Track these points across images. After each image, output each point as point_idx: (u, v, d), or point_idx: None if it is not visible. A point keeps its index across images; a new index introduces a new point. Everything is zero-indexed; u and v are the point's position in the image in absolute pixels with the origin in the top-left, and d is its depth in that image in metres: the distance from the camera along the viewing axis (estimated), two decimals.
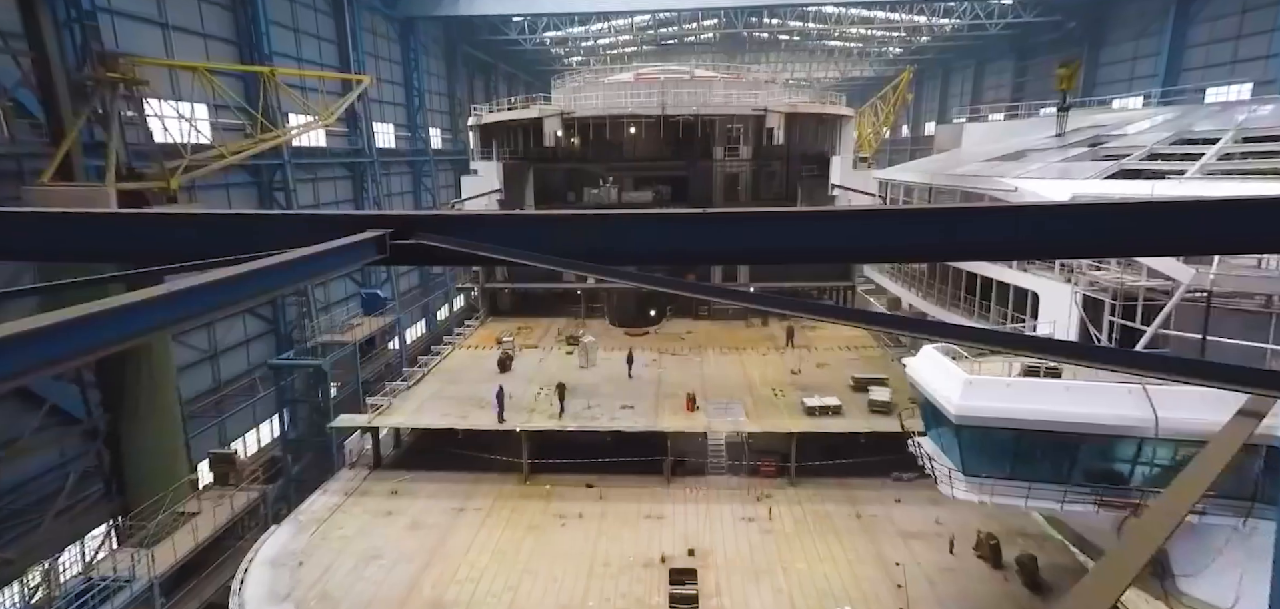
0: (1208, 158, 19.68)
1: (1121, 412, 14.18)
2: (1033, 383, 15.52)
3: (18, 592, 19.17)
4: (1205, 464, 1.94)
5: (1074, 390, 14.90)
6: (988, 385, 15.59)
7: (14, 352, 1.06)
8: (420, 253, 1.87)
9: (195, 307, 1.35)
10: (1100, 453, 14.76)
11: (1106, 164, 20.64)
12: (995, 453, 15.54)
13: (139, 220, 2.06)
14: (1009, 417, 15.02)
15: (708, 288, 2.23)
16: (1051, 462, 15.23)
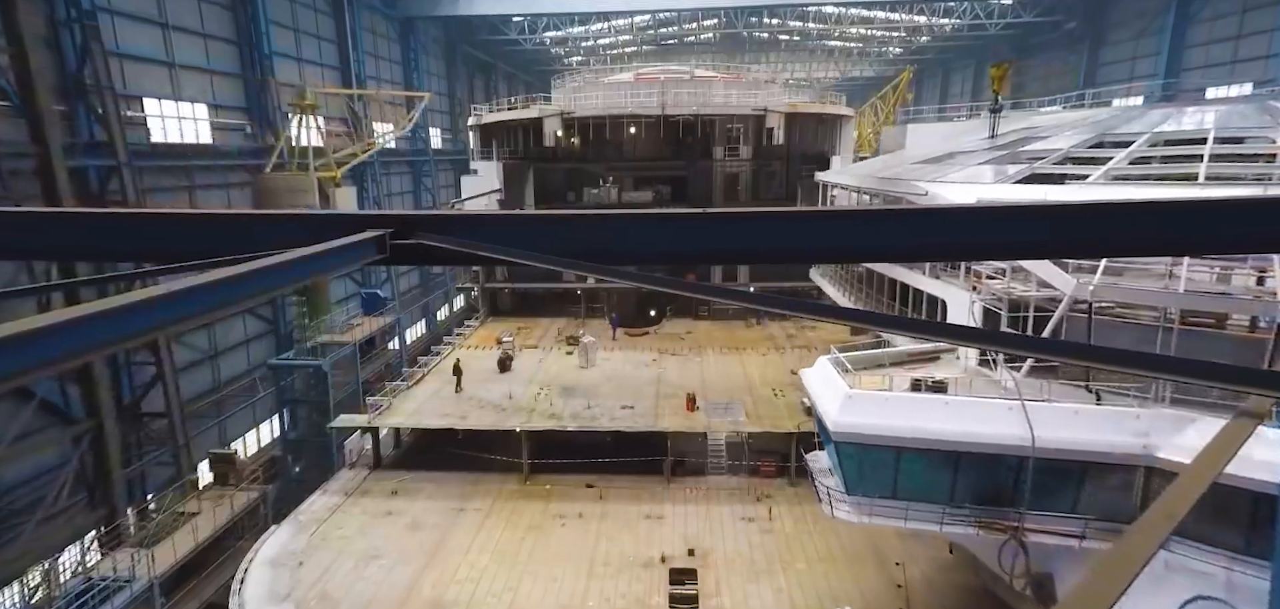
0: (1116, 161, 19.10)
1: (1000, 430, 13.54)
2: (913, 398, 14.90)
3: (18, 592, 19.17)
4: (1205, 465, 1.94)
5: (954, 406, 14.30)
6: (867, 400, 14.93)
7: (14, 352, 1.06)
8: (420, 253, 1.87)
9: (195, 307, 1.35)
10: (981, 472, 14.09)
11: (1020, 168, 20.05)
12: (877, 471, 14.81)
13: (139, 220, 2.06)
14: (888, 433, 14.36)
15: (708, 288, 2.23)
16: (933, 481, 14.52)
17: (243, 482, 24.52)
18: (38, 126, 20.47)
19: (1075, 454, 13.29)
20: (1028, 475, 13.70)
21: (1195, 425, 12.52)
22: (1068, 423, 13.42)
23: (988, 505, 14.18)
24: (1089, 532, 13.55)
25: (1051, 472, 13.66)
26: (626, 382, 25.78)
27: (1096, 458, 13.16)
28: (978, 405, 14.21)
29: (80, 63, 22.99)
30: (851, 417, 14.67)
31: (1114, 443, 12.99)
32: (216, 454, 26.08)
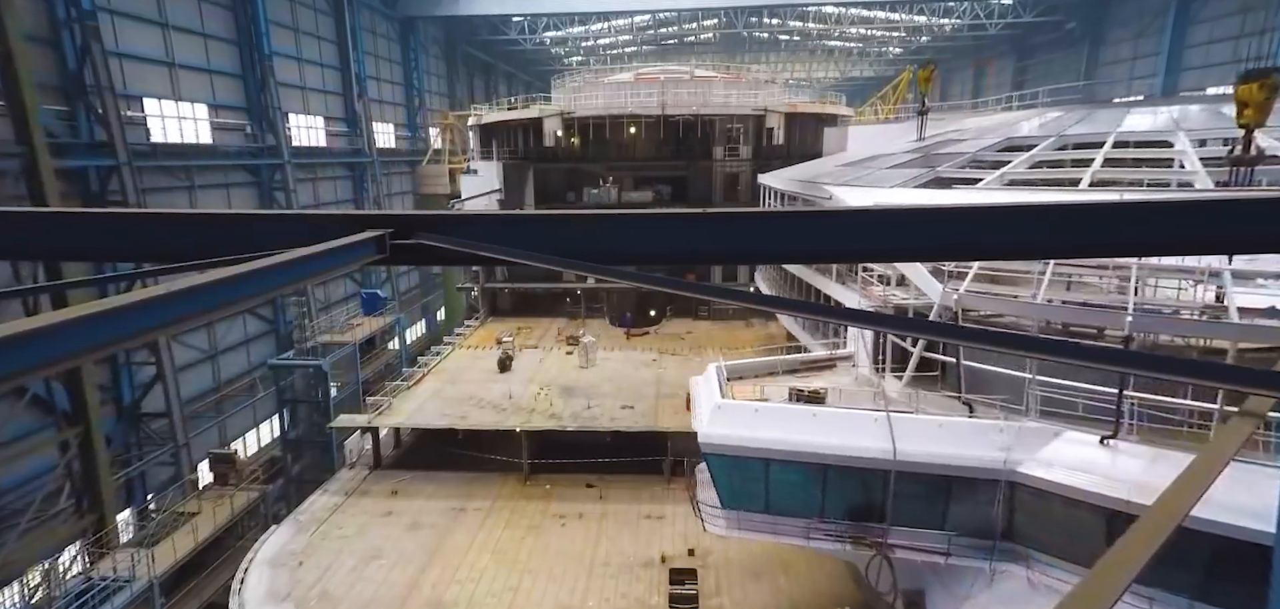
0: (1014, 165, 18.79)
1: (864, 442, 13.27)
2: (781, 409, 14.62)
3: (18, 591, 19.17)
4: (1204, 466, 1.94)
5: (822, 418, 14.02)
6: (736, 411, 14.66)
7: (14, 352, 1.06)
8: (420, 253, 1.87)
9: (195, 307, 1.35)
10: (849, 485, 13.84)
11: (922, 172, 19.74)
12: (748, 483, 14.53)
13: (139, 220, 2.06)
14: (756, 444, 14.07)
15: (708, 288, 2.23)
16: (803, 494, 14.27)
17: (243, 482, 24.51)
18: (23, 126, 20.35)
19: (937, 468, 12.99)
20: (890, 489, 13.41)
21: (1058, 439, 12.31)
22: (931, 436, 13.09)
23: (859, 520, 13.89)
24: (954, 549, 13.27)
25: (919, 486, 13.35)
26: (626, 382, 25.77)
27: (959, 472, 12.88)
28: (844, 417, 13.95)
29: (80, 63, 22.98)
30: (720, 428, 14.43)
31: (976, 457, 12.66)
32: (216, 454, 26.07)
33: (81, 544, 21.53)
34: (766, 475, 14.23)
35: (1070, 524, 12.07)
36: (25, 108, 20.30)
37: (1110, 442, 11.63)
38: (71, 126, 23.09)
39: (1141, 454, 11.30)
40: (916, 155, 23.31)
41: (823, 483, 13.95)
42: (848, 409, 14.30)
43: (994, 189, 16.85)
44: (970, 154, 21.12)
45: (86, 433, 22.03)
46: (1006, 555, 12.98)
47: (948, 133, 27.35)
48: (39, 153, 20.63)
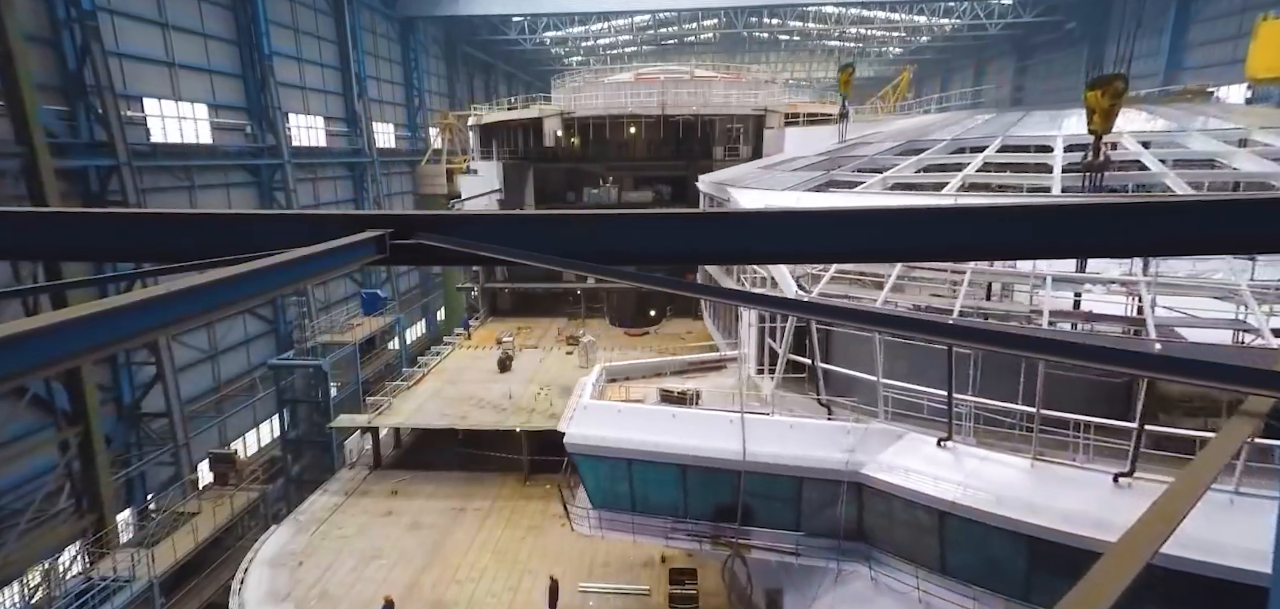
0: (900, 168, 18.64)
1: (718, 444, 13.42)
2: (643, 410, 14.82)
3: (18, 591, 19.17)
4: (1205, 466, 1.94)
5: (681, 419, 14.17)
6: (600, 411, 14.91)
7: (14, 352, 1.06)
8: (420, 253, 1.87)
9: (195, 307, 1.35)
10: (708, 486, 13.96)
11: (820, 175, 19.66)
12: (614, 483, 14.76)
13: (139, 220, 2.06)
14: (616, 445, 14.24)
15: (707, 288, 2.23)
16: (665, 494, 14.42)
17: (243, 482, 24.52)
18: (23, 126, 20.35)
19: (783, 469, 13.16)
20: (741, 489, 13.59)
21: (901, 441, 12.46)
22: (782, 438, 13.26)
23: (721, 520, 14.05)
24: (803, 549, 13.49)
25: (774, 487, 13.50)
26: None
27: (804, 473, 13.07)
28: (701, 418, 14.14)
29: (80, 63, 22.98)
30: (583, 428, 14.66)
31: (821, 458, 12.85)
32: (216, 454, 26.08)
33: (81, 544, 21.52)
34: (630, 475, 14.47)
35: (910, 524, 12.29)
36: (25, 108, 20.30)
37: (946, 444, 11.85)
38: (71, 126, 23.10)
39: (973, 456, 11.56)
40: (825, 158, 23.32)
41: (683, 483, 14.16)
42: (703, 411, 14.54)
43: (873, 192, 16.82)
44: (869, 157, 21.09)
45: (86, 433, 22.01)
46: (852, 556, 13.25)
47: (865, 135, 27.34)
48: (39, 153, 20.61)
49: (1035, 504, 10.49)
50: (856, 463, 12.49)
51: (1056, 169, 15.54)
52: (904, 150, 21.06)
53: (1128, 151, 16.72)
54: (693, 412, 14.46)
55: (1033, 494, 10.66)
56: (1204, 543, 9.25)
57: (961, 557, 11.82)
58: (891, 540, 12.77)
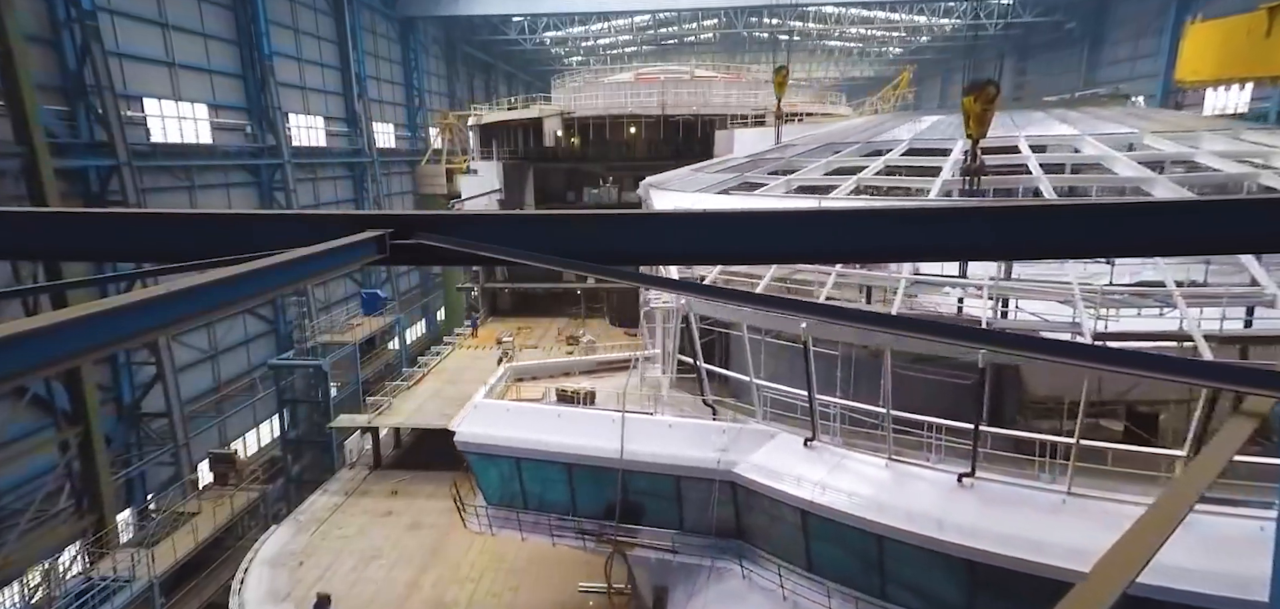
0: (809, 169, 18.53)
1: (598, 443, 13.57)
2: (530, 408, 14.99)
3: (18, 591, 19.17)
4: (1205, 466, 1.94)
5: (566, 418, 14.38)
6: (491, 410, 15.10)
7: (14, 352, 1.06)
8: (420, 253, 1.87)
9: (195, 307, 1.35)
10: (594, 484, 14.12)
11: (734, 176, 19.67)
12: (506, 481, 14.96)
13: (139, 220, 2.06)
14: (504, 443, 14.44)
15: (707, 288, 2.23)
16: (554, 492, 14.62)
17: (243, 482, 24.52)
18: (23, 126, 20.33)
19: (659, 467, 13.34)
20: (623, 488, 13.79)
21: (773, 441, 12.59)
22: (661, 437, 13.42)
23: (609, 519, 14.27)
24: (680, 546, 13.73)
25: (656, 486, 13.69)
26: None
27: (679, 471, 13.24)
28: (585, 417, 14.35)
29: (80, 63, 22.99)
30: (473, 427, 14.88)
31: (695, 457, 13.02)
32: (216, 454, 26.09)
33: (81, 544, 21.52)
34: (520, 474, 14.71)
35: (778, 523, 12.49)
36: (25, 108, 20.29)
37: (812, 444, 12.06)
38: (71, 126, 23.10)
39: (835, 456, 11.80)
40: (748, 160, 23.26)
41: (570, 482, 14.35)
42: (587, 410, 14.73)
43: (775, 194, 16.82)
44: (786, 159, 21.09)
45: (86, 433, 22.00)
46: (726, 554, 13.45)
47: (805, 136, 27.29)
48: (39, 153, 20.61)
49: (884, 503, 10.74)
50: (729, 462, 12.66)
51: (944, 173, 15.65)
52: (820, 152, 21.19)
53: (1019, 156, 16.74)
54: (577, 411, 14.72)
55: (883, 493, 10.92)
56: (1030, 542, 9.59)
57: (824, 555, 12.09)
58: (765, 538, 13.02)
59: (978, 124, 12.71)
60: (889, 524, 10.54)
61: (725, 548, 13.48)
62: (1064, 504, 9.85)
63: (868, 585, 11.59)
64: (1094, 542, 9.72)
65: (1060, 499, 9.90)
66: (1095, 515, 9.61)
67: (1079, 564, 8.86)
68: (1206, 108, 40.45)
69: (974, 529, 10.01)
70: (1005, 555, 9.62)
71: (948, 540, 10.08)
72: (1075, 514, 9.69)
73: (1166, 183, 13.81)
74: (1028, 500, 10.10)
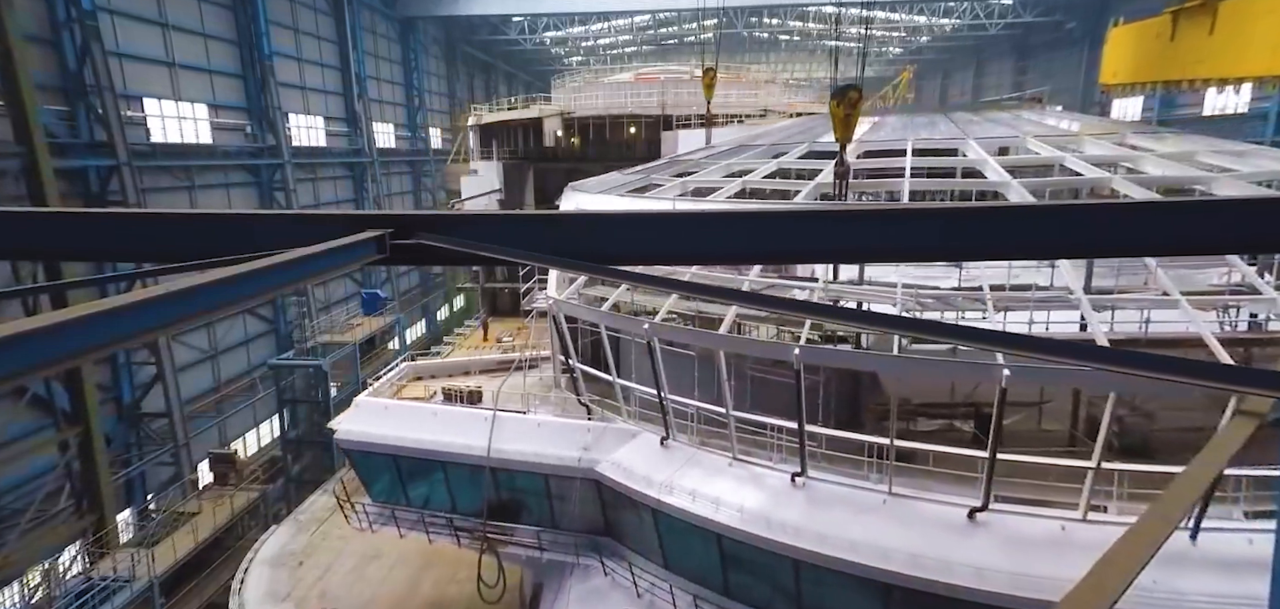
0: (705, 173, 18.48)
1: (469, 440, 13.82)
2: (407, 407, 15.21)
3: (18, 591, 19.17)
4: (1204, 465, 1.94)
5: (441, 416, 14.58)
6: (371, 408, 15.32)
7: (14, 352, 1.06)
8: (420, 253, 1.87)
9: (195, 307, 1.36)
10: (470, 482, 14.31)
11: (636, 178, 19.67)
12: (387, 478, 15.14)
13: (139, 220, 2.06)
14: (381, 440, 14.65)
15: (707, 288, 2.23)
16: (433, 490, 14.83)
17: (243, 482, 24.50)
18: (23, 126, 20.31)
19: (525, 465, 13.58)
20: (496, 485, 13.99)
21: (634, 440, 12.76)
22: (529, 435, 13.67)
23: (489, 517, 14.47)
24: (547, 544, 13.96)
25: (529, 483, 13.91)
26: None
27: (544, 469, 13.46)
28: (458, 416, 14.54)
29: (80, 63, 22.98)
30: (352, 425, 15.09)
31: (559, 455, 13.26)
32: (216, 454, 26.07)
33: (81, 544, 21.51)
34: (398, 471, 14.92)
35: (636, 520, 12.71)
36: (25, 108, 20.28)
37: (667, 442, 12.35)
38: (71, 126, 23.09)
39: (686, 455, 12.05)
40: (664, 162, 23.30)
41: (446, 479, 14.57)
42: (460, 409, 14.87)
43: (666, 197, 16.88)
44: (696, 160, 21.12)
45: (86, 433, 21.99)
46: (594, 551, 13.67)
47: (733, 139, 27.28)
48: (39, 153, 20.60)
49: (722, 501, 10.97)
50: (592, 461, 12.88)
51: (822, 175, 15.75)
52: (727, 154, 21.28)
53: (903, 158, 16.79)
54: (451, 409, 14.89)
55: (724, 492, 11.14)
56: (846, 541, 9.92)
57: (675, 552, 12.34)
58: (629, 536, 13.26)
59: (843, 128, 13.01)
60: (724, 522, 10.79)
61: (594, 545, 13.77)
62: (884, 504, 10.18)
63: (714, 582, 11.89)
64: (903, 541, 9.62)
65: (881, 499, 10.23)
66: (909, 515, 9.96)
67: (888, 563, 9.48)
68: (1206, 108, 40.52)
69: (798, 527, 10.30)
70: (822, 554, 9.91)
71: (773, 539, 10.37)
72: (892, 513, 10.04)
73: (1017, 187, 13.76)
74: (852, 500, 10.45)
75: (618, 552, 13.49)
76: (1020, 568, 8.77)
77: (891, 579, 9.45)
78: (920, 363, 10.56)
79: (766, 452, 11.55)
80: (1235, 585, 8.20)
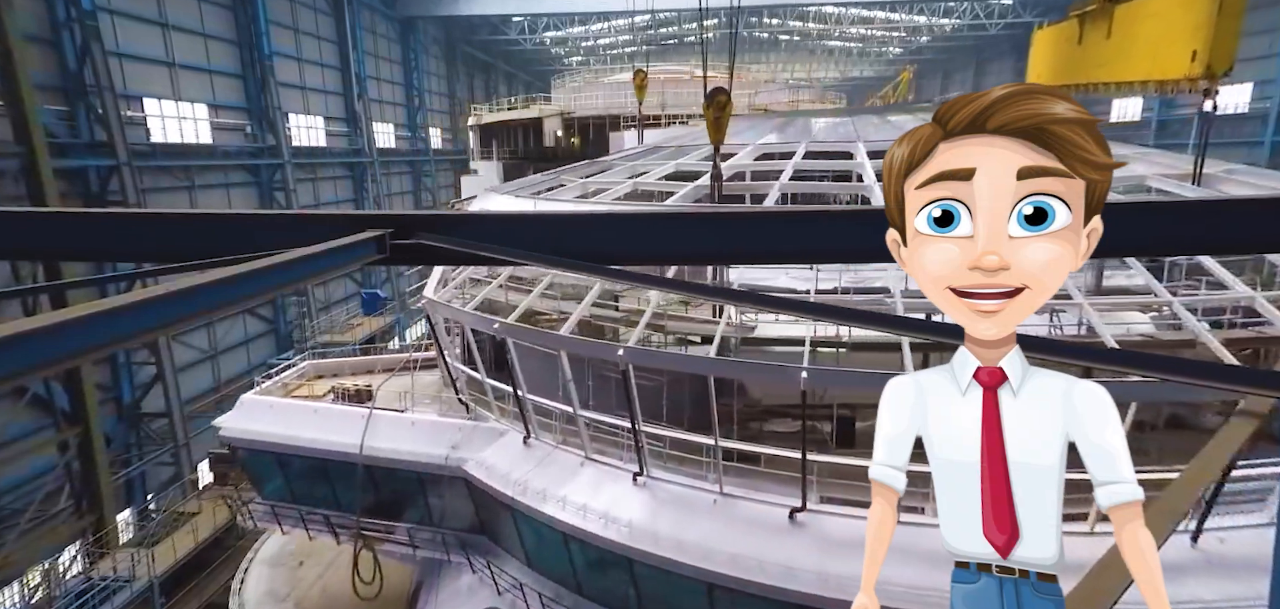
0: (609, 175, 18.50)
1: (345, 438, 13.95)
2: (289, 405, 15.36)
3: (18, 591, 19.17)
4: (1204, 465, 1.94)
5: (320, 414, 14.68)
6: (254, 405, 15.51)
7: (14, 352, 1.06)
8: (420, 253, 1.88)
9: (195, 307, 1.36)
10: (347, 480, 14.39)
11: (545, 180, 19.70)
12: (273, 476, 15.24)
13: (139, 220, 2.06)
14: (262, 437, 14.78)
15: (707, 288, 2.23)
16: (316, 487, 14.92)
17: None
18: (23, 126, 20.28)
19: (395, 462, 13.66)
20: (362, 482, 14.06)
21: (502, 439, 12.94)
22: (403, 434, 13.74)
23: (373, 515, 14.59)
24: (419, 543, 14.07)
25: (406, 482, 14.00)
26: None
27: (414, 467, 13.55)
28: (337, 414, 14.64)
29: (80, 63, 22.97)
30: (236, 421, 15.26)
31: (428, 453, 13.35)
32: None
33: (81, 544, 21.51)
34: (283, 469, 15.06)
35: (502, 518, 12.82)
36: (25, 108, 20.26)
37: (529, 441, 12.56)
38: (71, 126, 23.08)
39: (544, 453, 12.28)
40: (581, 164, 23.17)
41: (328, 477, 14.63)
42: (339, 406, 15.02)
43: (562, 199, 17.01)
44: (609, 161, 21.19)
45: (86, 433, 21.97)
46: (468, 549, 13.82)
47: (663, 139, 27.22)
48: (39, 153, 20.59)
49: (568, 500, 11.14)
50: (459, 458, 12.98)
51: (703, 179, 15.74)
52: (636, 156, 21.36)
53: (790, 161, 16.90)
54: (330, 407, 15.02)
55: (572, 491, 11.30)
56: (674, 541, 10.14)
57: (534, 550, 12.54)
58: (499, 534, 13.40)
59: (715, 131, 13.12)
60: (568, 521, 10.94)
61: (464, 544, 13.93)
62: (715, 504, 10.38)
63: (569, 581, 12.08)
64: (727, 541, 9.86)
65: (712, 499, 10.43)
66: (737, 515, 10.21)
67: (709, 562, 9.72)
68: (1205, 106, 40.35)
69: (633, 526, 10.46)
70: (651, 553, 10.08)
71: (608, 538, 10.54)
72: (722, 513, 10.27)
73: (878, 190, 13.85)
74: (687, 500, 10.64)
75: (490, 550, 13.68)
76: (827, 567, 9.09)
77: (712, 578, 9.72)
78: (736, 364, 10.87)
79: (620, 451, 11.73)
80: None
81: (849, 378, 10.34)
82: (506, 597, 12.90)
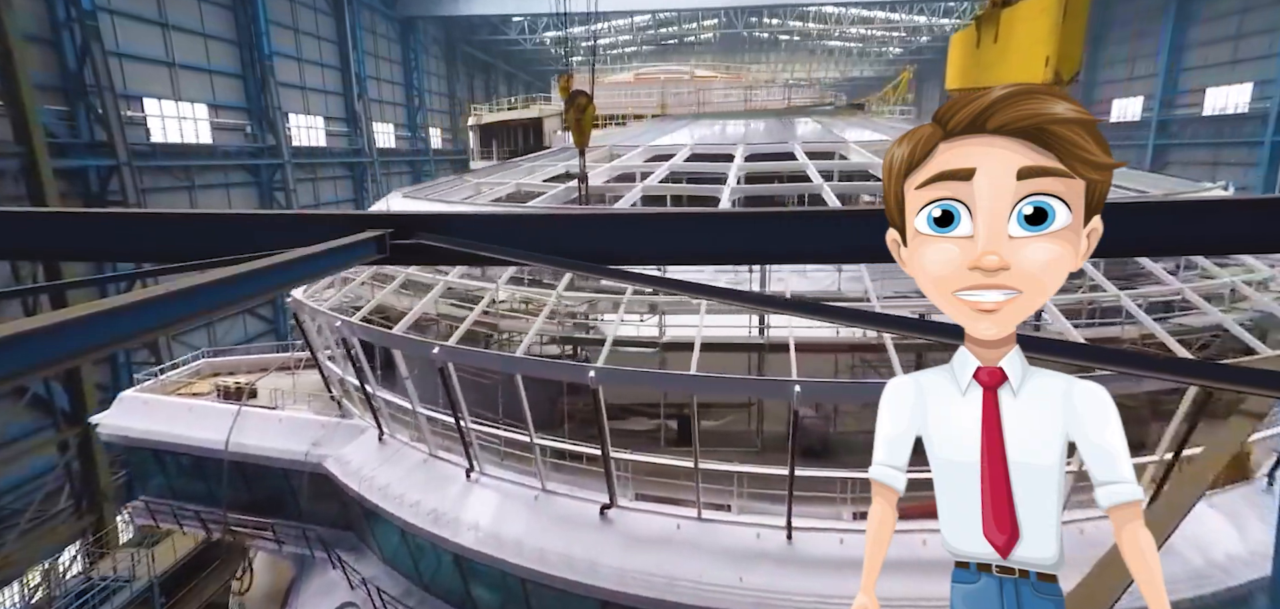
0: (531, 176, 18.60)
1: (210, 434, 14.08)
2: (164, 401, 15.42)
3: (18, 591, 19.16)
4: (1203, 465, 1.94)
5: (196, 412, 14.83)
6: (135, 403, 15.51)
7: (14, 352, 1.06)
8: (420, 253, 1.88)
9: (195, 307, 1.36)
10: (228, 478, 14.47)
11: (452, 181, 20.01)
12: (153, 473, 15.33)
13: (139, 220, 2.06)
14: (139, 434, 14.87)
15: (707, 288, 2.23)
16: (196, 484, 15.00)
17: None
18: (23, 126, 20.27)
19: (257, 458, 13.81)
20: (225, 478, 14.18)
21: (362, 436, 13.05)
22: (269, 430, 13.87)
23: (243, 512, 14.73)
24: (283, 538, 14.28)
25: (275, 479, 14.11)
26: None
27: (275, 463, 13.71)
28: (209, 411, 14.78)
29: (80, 63, 22.97)
30: (113, 418, 15.31)
31: (290, 449, 13.50)
32: None
33: (81, 544, 21.49)
34: (162, 466, 15.18)
35: (359, 515, 13.00)
36: (25, 108, 20.25)
37: (383, 439, 12.72)
38: (71, 126, 23.07)
39: (392, 451, 12.44)
40: (527, 164, 23.12)
41: (202, 474, 14.76)
42: (211, 404, 15.16)
43: (449, 198, 17.12)
44: (531, 164, 21.20)
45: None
46: (334, 545, 13.96)
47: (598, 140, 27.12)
48: (39, 153, 20.58)
49: (405, 498, 11.25)
50: (320, 455, 13.08)
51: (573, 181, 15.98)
52: (555, 156, 21.58)
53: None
54: (203, 404, 15.18)
55: (413, 489, 11.40)
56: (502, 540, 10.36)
57: (387, 548, 12.66)
58: (364, 531, 13.49)
59: (576, 133, 13.29)
60: (404, 517, 11.05)
61: (327, 540, 14.10)
62: (536, 501, 10.60)
63: (413, 577, 12.26)
64: (542, 537, 10.00)
65: (533, 496, 10.66)
66: (556, 511, 10.45)
67: (520, 558, 9.90)
68: (1206, 107, 40.55)
69: (458, 520, 10.61)
70: (470, 548, 10.27)
71: (440, 534, 10.67)
72: (542, 509, 10.50)
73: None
74: (513, 495, 10.85)
75: (357, 547, 13.82)
76: (628, 563, 9.32)
77: (523, 574, 9.93)
78: (532, 362, 10.92)
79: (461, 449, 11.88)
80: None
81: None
82: (357, 591, 13.04)
